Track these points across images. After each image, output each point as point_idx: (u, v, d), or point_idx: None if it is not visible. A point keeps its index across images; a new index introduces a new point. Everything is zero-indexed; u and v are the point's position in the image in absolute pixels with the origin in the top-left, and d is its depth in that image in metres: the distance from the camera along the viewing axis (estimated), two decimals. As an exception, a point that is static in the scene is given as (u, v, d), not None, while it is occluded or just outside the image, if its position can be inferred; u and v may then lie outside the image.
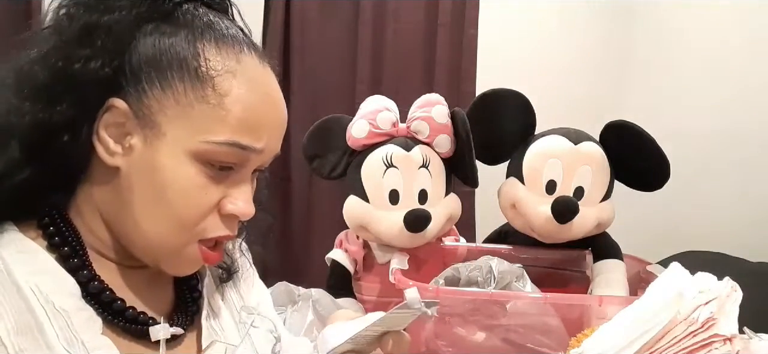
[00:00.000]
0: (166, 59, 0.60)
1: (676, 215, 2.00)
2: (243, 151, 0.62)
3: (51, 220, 0.64)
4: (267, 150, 0.64)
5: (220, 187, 0.63)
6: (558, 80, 2.10)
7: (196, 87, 0.60)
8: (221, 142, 0.60)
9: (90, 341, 0.60)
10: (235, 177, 0.64)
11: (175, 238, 0.62)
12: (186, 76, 0.60)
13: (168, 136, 0.60)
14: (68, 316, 0.60)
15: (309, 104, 2.09)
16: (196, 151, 0.60)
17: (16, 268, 0.60)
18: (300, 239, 2.16)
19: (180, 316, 0.70)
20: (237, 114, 0.61)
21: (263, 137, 0.63)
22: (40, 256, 0.62)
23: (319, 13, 2.11)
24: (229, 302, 0.77)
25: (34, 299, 0.59)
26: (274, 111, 0.65)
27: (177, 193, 0.60)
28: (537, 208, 1.33)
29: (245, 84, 0.62)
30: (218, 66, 0.61)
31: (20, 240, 0.62)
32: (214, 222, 0.63)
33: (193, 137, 0.60)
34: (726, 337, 0.88)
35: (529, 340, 1.12)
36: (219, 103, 0.60)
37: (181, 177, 0.60)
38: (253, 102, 0.62)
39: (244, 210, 0.64)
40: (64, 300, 0.61)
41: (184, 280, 0.73)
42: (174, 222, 0.61)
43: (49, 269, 0.62)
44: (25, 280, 0.60)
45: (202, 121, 0.60)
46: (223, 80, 0.61)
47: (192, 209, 0.61)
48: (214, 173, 0.62)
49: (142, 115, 0.60)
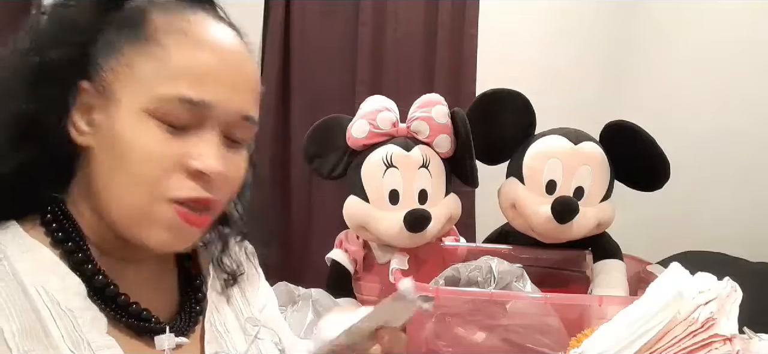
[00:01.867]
0: (117, 29, 0.62)
1: (676, 215, 2.00)
2: (193, 107, 0.61)
3: (53, 217, 0.64)
4: (221, 106, 0.62)
5: (181, 144, 0.61)
6: (558, 80, 2.10)
7: (143, 47, 0.61)
8: (170, 97, 0.60)
9: (95, 341, 0.61)
10: (198, 136, 0.62)
11: (142, 198, 0.61)
12: (135, 41, 0.62)
13: (123, 101, 0.61)
14: (73, 316, 0.60)
15: (309, 104, 2.09)
16: (148, 108, 0.60)
17: (22, 268, 0.60)
18: (300, 239, 2.16)
19: (184, 316, 0.70)
20: (183, 69, 0.61)
21: (213, 91, 0.62)
22: (45, 255, 0.62)
23: (319, 13, 2.11)
24: (234, 306, 0.77)
25: (39, 300, 0.59)
26: (226, 65, 0.64)
27: (135, 152, 0.60)
28: (537, 208, 1.33)
29: (191, 39, 0.62)
30: (164, 25, 0.62)
31: (24, 239, 0.63)
32: (181, 180, 0.61)
33: (144, 96, 0.60)
34: (726, 337, 0.88)
35: (529, 340, 1.12)
36: (167, 60, 0.61)
37: (138, 136, 0.60)
38: (201, 57, 0.62)
39: (210, 165, 0.62)
40: (70, 300, 0.61)
41: (189, 281, 0.73)
42: (137, 182, 0.61)
43: (54, 268, 0.62)
44: (30, 281, 0.60)
45: (152, 79, 0.61)
46: (168, 37, 0.62)
47: (151, 164, 0.60)
48: (171, 131, 0.61)
49: (102, 89, 0.62)
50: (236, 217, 0.79)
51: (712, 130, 2.05)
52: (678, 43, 2.10)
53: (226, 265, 0.78)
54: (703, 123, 2.06)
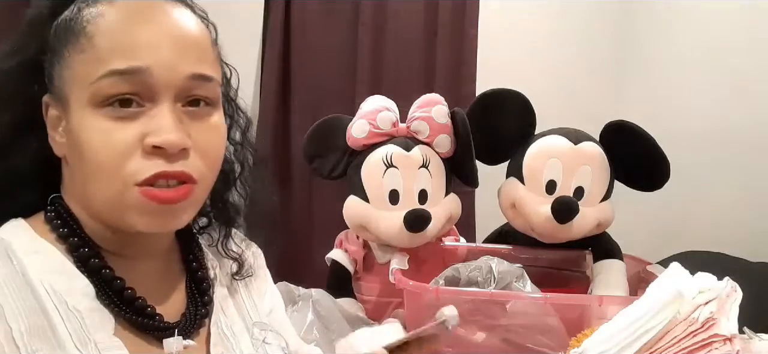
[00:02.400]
0: (57, 37, 0.63)
1: (676, 215, 2.00)
2: (126, 77, 0.59)
3: (56, 214, 0.65)
4: (158, 68, 0.60)
5: (134, 125, 0.60)
6: (558, 80, 2.09)
7: (74, 43, 0.62)
8: (101, 77, 0.60)
9: (102, 342, 0.61)
10: (149, 110, 0.61)
11: (109, 188, 0.61)
12: (69, 40, 0.62)
13: (71, 102, 0.62)
14: (81, 316, 0.61)
15: (309, 104, 2.09)
16: (89, 99, 0.60)
17: (31, 268, 0.61)
18: (300, 239, 2.16)
19: (190, 317, 0.69)
20: (106, 44, 0.60)
21: (143, 54, 0.60)
22: (53, 255, 0.63)
23: (319, 13, 2.11)
24: (241, 308, 0.77)
25: (48, 300, 0.60)
26: (151, 26, 0.62)
27: (91, 146, 0.60)
28: (537, 208, 1.33)
29: (112, 16, 0.62)
30: (89, 16, 0.62)
31: (33, 238, 0.63)
32: (140, 161, 0.60)
33: (83, 89, 0.60)
34: (726, 337, 0.88)
35: (529, 340, 1.12)
36: (90, 46, 0.61)
37: (88, 129, 0.60)
38: (121, 26, 0.61)
39: (165, 138, 0.60)
40: (78, 300, 0.61)
41: (195, 282, 0.73)
42: (100, 176, 0.60)
43: (63, 269, 0.63)
44: (39, 281, 0.60)
45: (85, 70, 0.61)
46: (92, 25, 0.61)
47: (107, 154, 0.60)
48: (120, 113, 0.60)
49: (58, 98, 0.63)
50: (234, 202, 0.78)
51: (712, 130, 2.05)
52: (678, 43, 2.10)
53: (230, 253, 0.78)
54: (703, 123, 2.06)
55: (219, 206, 0.77)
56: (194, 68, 0.63)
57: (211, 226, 0.79)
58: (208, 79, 0.64)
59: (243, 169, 0.78)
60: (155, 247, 0.70)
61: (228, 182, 0.77)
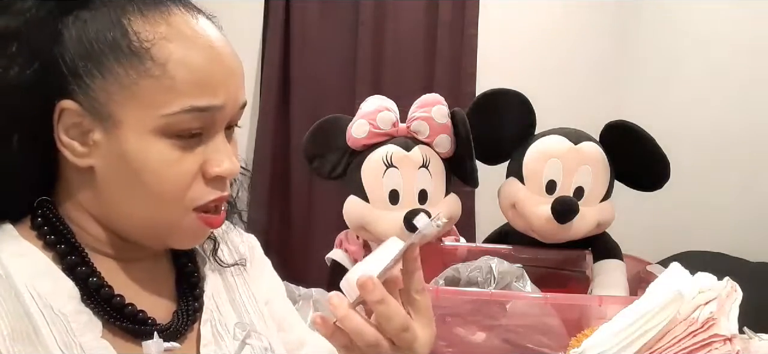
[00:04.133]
0: (97, 47, 0.58)
1: (676, 215, 2.00)
2: (204, 113, 0.60)
3: (44, 220, 0.63)
4: (229, 103, 0.62)
5: (196, 153, 0.61)
6: (558, 80, 2.10)
7: (135, 64, 0.58)
8: (178, 112, 0.59)
9: (88, 344, 0.60)
10: (209, 139, 0.62)
11: (167, 215, 0.62)
12: (122, 57, 0.58)
13: (125, 123, 0.59)
14: (67, 319, 0.60)
15: (309, 104, 2.09)
16: (157, 127, 0.59)
17: (16, 272, 0.60)
18: (300, 239, 2.16)
19: (180, 317, 0.68)
20: (184, 77, 0.59)
21: (219, 92, 0.61)
22: (38, 259, 0.62)
23: (319, 13, 2.11)
24: (238, 304, 0.75)
25: (32, 304, 0.59)
26: (222, 61, 0.62)
27: (152, 174, 0.59)
28: (537, 208, 1.33)
29: (183, 44, 0.60)
30: (150, 35, 0.59)
31: (18, 241, 0.62)
32: (201, 188, 0.62)
33: (149, 115, 0.58)
34: (726, 337, 0.88)
35: (529, 340, 1.12)
36: (163, 73, 0.58)
37: (152, 158, 0.59)
38: (197, 60, 0.60)
39: (229, 168, 0.63)
40: (63, 303, 0.60)
41: (186, 277, 0.71)
42: (159, 201, 0.61)
43: (48, 272, 0.61)
44: (24, 284, 0.59)
45: (153, 96, 0.58)
46: (159, 48, 0.58)
47: (172, 184, 0.60)
48: (184, 143, 0.60)
49: (94, 110, 0.59)
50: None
51: (712, 130, 2.05)
52: (678, 43, 2.10)
53: (224, 249, 0.77)
54: (703, 123, 2.06)
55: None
56: (243, 98, 0.65)
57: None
58: (244, 105, 0.66)
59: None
60: (150, 249, 0.69)
61: None
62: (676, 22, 2.10)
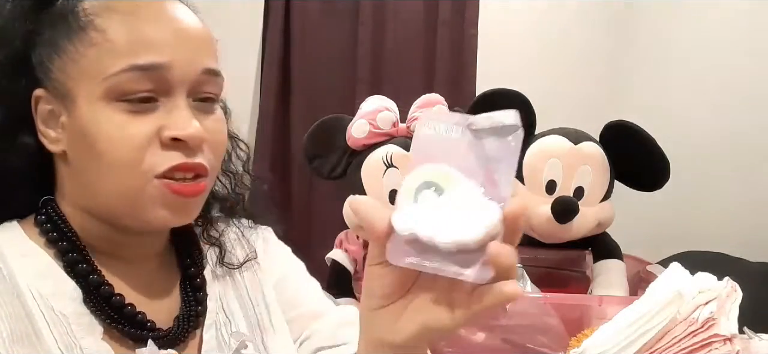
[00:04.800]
0: (55, 31, 0.61)
1: (676, 215, 2.00)
2: (147, 73, 0.59)
3: (46, 217, 0.64)
4: (178, 64, 0.61)
5: (150, 118, 0.60)
6: (558, 80, 2.09)
7: (81, 37, 0.60)
8: (119, 71, 0.59)
9: (89, 347, 0.60)
10: (167, 104, 0.61)
11: (127, 182, 0.60)
12: (72, 34, 0.61)
13: (79, 96, 0.60)
14: (68, 321, 0.60)
15: (309, 104, 2.09)
16: (104, 93, 0.59)
17: (19, 272, 0.60)
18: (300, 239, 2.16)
19: (182, 321, 0.67)
20: (124, 38, 0.59)
21: (164, 50, 0.60)
22: (42, 258, 0.62)
23: (319, 13, 2.11)
24: (245, 305, 0.73)
25: (34, 304, 0.59)
26: (170, 21, 0.62)
27: (105, 141, 0.59)
28: (537, 208, 1.33)
29: (126, 8, 0.61)
30: (95, 8, 0.61)
31: (24, 241, 0.63)
32: (159, 154, 0.60)
33: (96, 82, 0.59)
34: (726, 337, 0.88)
35: (529, 340, 1.12)
36: (104, 39, 0.60)
37: (102, 124, 0.59)
38: (138, 20, 0.60)
39: (187, 131, 0.60)
40: (65, 305, 0.60)
41: (189, 279, 0.70)
42: (116, 170, 0.60)
43: (51, 272, 0.62)
44: (26, 285, 0.60)
45: (97, 63, 0.59)
46: (103, 18, 0.60)
47: (124, 150, 0.59)
48: (135, 107, 0.60)
49: (57, 91, 0.61)
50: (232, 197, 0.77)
51: (712, 130, 2.05)
52: (678, 43, 2.10)
53: (211, 239, 0.75)
54: (703, 123, 2.06)
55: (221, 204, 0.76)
56: (207, 63, 0.63)
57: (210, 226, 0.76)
58: (217, 74, 0.65)
59: (228, 156, 0.76)
60: (151, 247, 0.69)
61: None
62: (676, 22, 2.10)
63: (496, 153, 0.47)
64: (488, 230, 0.44)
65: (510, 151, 0.46)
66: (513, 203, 0.45)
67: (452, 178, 0.47)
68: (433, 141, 0.48)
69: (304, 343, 0.76)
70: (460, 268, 0.45)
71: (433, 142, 0.48)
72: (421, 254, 0.46)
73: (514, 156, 0.46)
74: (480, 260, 0.45)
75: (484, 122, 0.47)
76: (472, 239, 0.44)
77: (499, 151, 0.47)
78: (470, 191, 0.46)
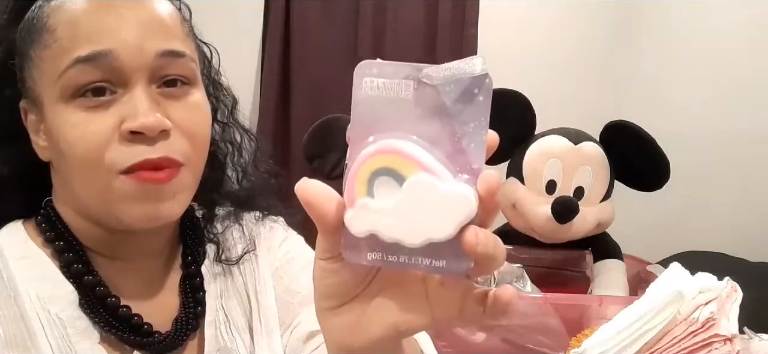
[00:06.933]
0: (23, 39, 0.62)
1: (676, 215, 2.00)
2: (92, 63, 0.57)
3: (45, 218, 0.64)
4: (124, 49, 0.58)
5: (109, 113, 0.58)
6: (558, 80, 2.10)
7: (39, 42, 0.60)
8: (66, 68, 0.57)
9: (84, 352, 0.60)
10: (123, 98, 0.59)
11: (94, 182, 0.58)
12: (34, 40, 0.61)
13: (45, 100, 0.60)
14: (64, 325, 0.59)
15: (309, 104, 2.09)
16: (60, 93, 0.58)
17: (19, 274, 0.60)
18: (300, 239, 2.15)
19: (181, 323, 0.66)
20: (68, 34, 0.58)
21: (104, 38, 0.58)
22: (40, 260, 0.62)
23: (319, 13, 2.11)
24: (243, 303, 0.72)
25: (31, 307, 0.59)
26: (113, 10, 0.59)
27: (66, 142, 0.58)
28: (537, 208, 1.33)
29: (74, 6, 0.59)
30: (49, 9, 0.60)
31: (25, 243, 0.63)
32: (121, 149, 0.58)
33: (52, 85, 0.59)
34: (726, 337, 0.88)
35: (529, 340, 1.12)
36: (54, 39, 0.59)
37: (63, 125, 0.58)
38: (82, 15, 0.59)
39: (141, 121, 0.57)
40: (62, 308, 0.60)
41: (188, 279, 0.69)
42: (81, 169, 0.59)
43: (48, 275, 0.61)
44: (25, 287, 0.59)
45: (52, 65, 0.59)
46: (52, 19, 0.60)
47: (84, 147, 0.57)
48: (92, 102, 0.58)
49: (32, 100, 0.62)
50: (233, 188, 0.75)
51: (712, 130, 2.05)
52: (678, 44, 2.10)
53: (209, 236, 0.74)
54: (702, 123, 2.06)
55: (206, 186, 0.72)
56: (162, 45, 0.60)
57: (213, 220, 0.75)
58: (179, 54, 0.61)
59: (234, 149, 0.75)
60: (150, 247, 0.67)
61: (215, 163, 0.73)
62: (676, 22, 2.10)
63: (461, 113, 0.38)
64: (461, 223, 0.37)
65: (479, 108, 0.39)
66: (486, 177, 0.38)
67: (411, 158, 0.38)
68: (379, 104, 0.38)
69: (296, 328, 0.73)
70: (433, 261, 0.39)
71: (378, 106, 0.38)
72: (385, 250, 0.39)
73: (484, 114, 0.39)
74: (455, 248, 0.38)
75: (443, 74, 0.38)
76: (445, 236, 0.37)
77: (465, 110, 0.39)
78: (435, 173, 0.38)
